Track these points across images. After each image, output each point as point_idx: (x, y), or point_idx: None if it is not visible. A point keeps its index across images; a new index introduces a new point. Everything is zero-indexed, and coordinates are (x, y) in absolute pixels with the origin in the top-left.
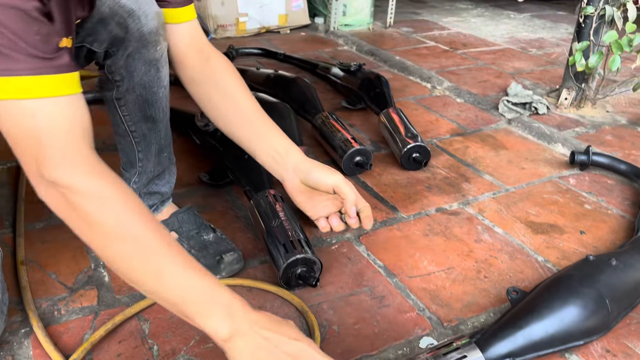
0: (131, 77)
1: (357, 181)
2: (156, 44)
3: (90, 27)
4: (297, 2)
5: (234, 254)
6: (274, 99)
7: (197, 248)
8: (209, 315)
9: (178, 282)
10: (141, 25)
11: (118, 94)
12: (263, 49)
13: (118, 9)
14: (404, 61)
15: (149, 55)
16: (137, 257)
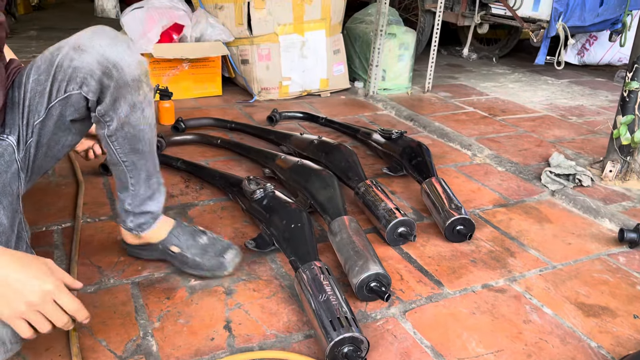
0: (119, 118)
1: (400, 252)
2: (138, 89)
3: (82, 78)
4: (338, 66)
5: (232, 250)
6: (318, 167)
7: (199, 254)
8: None
9: None
10: (124, 74)
11: (109, 132)
12: (305, 113)
13: (104, 61)
14: (443, 127)
15: (132, 99)
16: None
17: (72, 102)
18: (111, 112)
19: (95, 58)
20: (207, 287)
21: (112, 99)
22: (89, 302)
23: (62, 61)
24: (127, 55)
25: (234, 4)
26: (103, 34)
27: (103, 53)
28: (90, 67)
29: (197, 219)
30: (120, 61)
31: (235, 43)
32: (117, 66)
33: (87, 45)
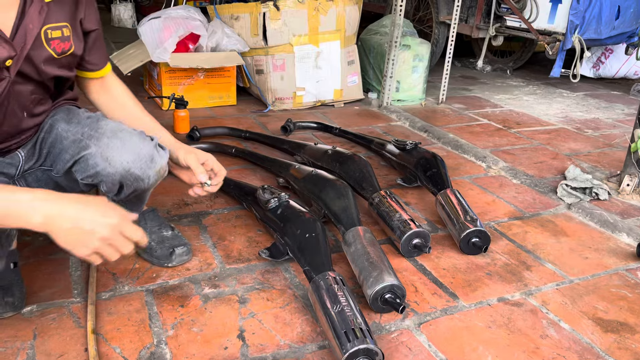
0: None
1: (414, 264)
2: (150, 189)
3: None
4: (352, 77)
5: (184, 247)
6: (332, 177)
7: (156, 241)
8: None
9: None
10: (143, 185)
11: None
12: (319, 123)
13: (127, 175)
14: (457, 139)
15: (143, 196)
16: None
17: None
18: (121, 201)
19: (119, 172)
20: (221, 295)
21: (126, 195)
22: (103, 308)
23: (88, 159)
24: (149, 169)
25: (249, 14)
26: (131, 148)
27: (128, 169)
28: (113, 178)
29: (211, 227)
30: (141, 175)
31: (251, 53)
32: (138, 179)
33: (115, 159)
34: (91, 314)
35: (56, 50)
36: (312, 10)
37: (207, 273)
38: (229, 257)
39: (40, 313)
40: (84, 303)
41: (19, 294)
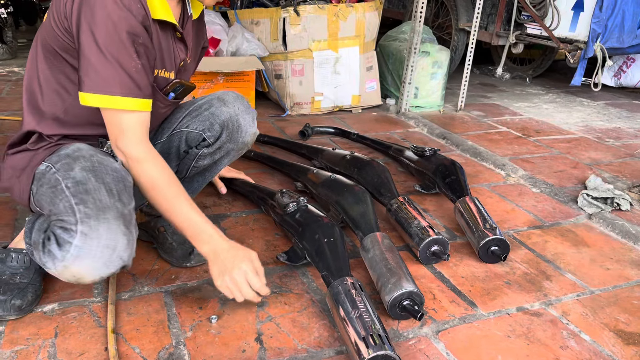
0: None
1: (432, 271)
2: (240, 151)
3: (210, 124)
4: (370, 83)
5: None
6: (351, 182)
7: (177, 242)
8: (198, 240)
9: (185, 217)
10: (240, 137)
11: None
12: (337, 129)
13: (234, 119)
14: (476, 146)
15: (232, 153)
16: (164, 199)
17: (191, 137)
18: (209, 157)
19: (230, 114)
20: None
21: (217, 148)
22: (123, 309)
23: (203, 104)
24: (250, 125)
25: (269, 19)
26: (243, 102)
27: (238, 114)
28: (223, 118)
29: (230, 230)
30: (244, 126)
31: (270, 58)
32: (239, 129)
33: (230, 102)
34: (111, 313)
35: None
36: (332, 16)
37: None
38: None
39: (62, 312)
40: (104, 303)
41: (31, 296)
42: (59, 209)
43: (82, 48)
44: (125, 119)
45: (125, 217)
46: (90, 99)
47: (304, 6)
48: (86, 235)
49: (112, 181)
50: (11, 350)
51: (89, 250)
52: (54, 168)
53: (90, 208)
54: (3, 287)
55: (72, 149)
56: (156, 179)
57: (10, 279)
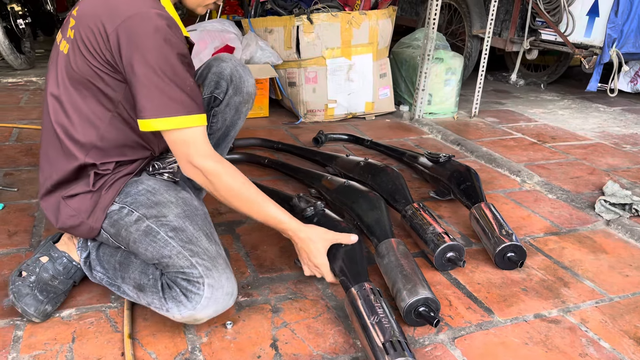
0: (223, 120)
1: (448, 277)
2: (245, 103)
3: (216, 82)
4: (384, 90)
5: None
6: (364, 188)
7: None
8: (289, 229)
9: (274, 216)
10: (243, 86)
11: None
12: (351, 135)
13: (235, 72)
14: (491, 152)
15: (241, 108)
16: (247, 205)
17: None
18: (220, 117)
19: (230, 67)
20: (254, 304)
21: (226, 104)
22: (139, 314)
23: (202, 70)
24: (249, 75)
25: (283, 27)
26: (236, 57)
27: (237, 66)
28: (227, 73)
29: (245, 236)
30: (244, 76)
31: (284, 66)
32: (242, 79)
33: (226, 58)
34: (127, 318)
35: None
36: (345, 23)
37: (240, 282)
38: (261, 267)
39: (79, 317)
40: (121, 308)
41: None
42: (172, 266)
43: (138, 77)
44: (193, 136)
45: (227, 260)
46: (155, 123)
47: (317, 14)
48: (212, 287)
49: (203, 223)
50: (29, 355)
51: (215, 300)
52: (135, 210)
53: (205, 260)
54: (42, 285)
55: (145, 188)
56: (237, 189)
57: (51, 280)
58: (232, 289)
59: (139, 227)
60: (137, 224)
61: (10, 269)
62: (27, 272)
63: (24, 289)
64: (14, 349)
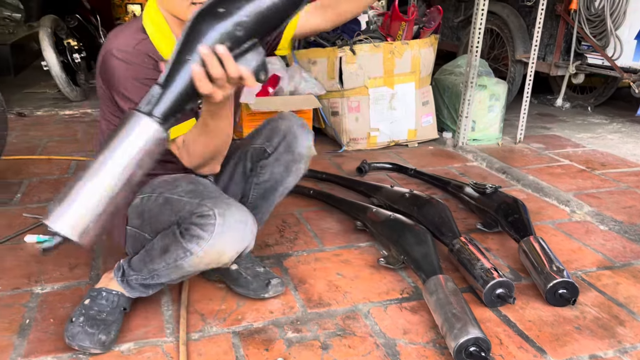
0: (271, 173)
1: (498, 314)
2: (296, 162)
3: (269, 135)
4: (426, 117)
5: (279, 279)
6: (411, 222)
7: (251, 275)
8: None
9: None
10: (296, 147)
11: (257, 179)
12: (394, 164)
13: (290, 130)
14: (538, 181)
15: (290, 166)
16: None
17: (255, 152)
18: (268, 169)
19: (287, 125)
20: (304, 340)
21: (276, 158)
22: (194, 349)
23: (264, 124)
24: (305, 138)
25: (326, 58)
26: (299, 119)
27: (293, 126)
28: (281, 128)
29: (292, 270)
30: (299, 136)
31: (327, 96)
32: (296, 139)
33: (287, 117)
34: (183, 354)
35: None
36: (387, 53)
37: (289, 317)
38: (310, 301)
39: (137, 351)
40: (176, 343)
41: (114, 334)
42: (185, 211)
43: (120, 105)
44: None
45: (238, 204)
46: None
47: (359, 45)
48: (223, 215)
49: (216, 190)
50: None
51: (228, 225)
52: (154, 193)
53: (213, 200)
54: (91, 322)
55: (162, 179)
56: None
57: (97, 315)
58: (244, 217)
59: (157, 201)
60: (156, 200)
61: (72, 302)
62: (75, 317)
63: (75, 329)
64: None
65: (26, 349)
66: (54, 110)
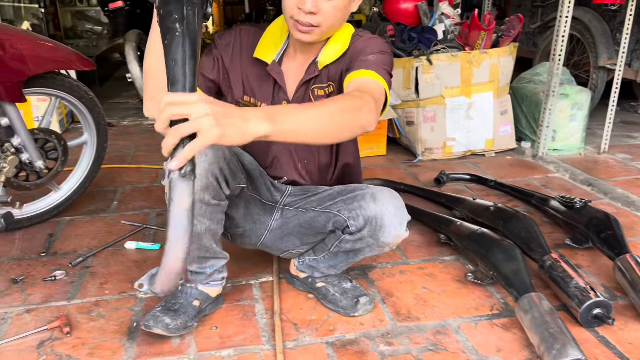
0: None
1: (595, 335)
2: (379, 248)
3: (356, 213)
4: (504, 127)
5: (367, 297)
6: (499, 236)
7: (339, 292)
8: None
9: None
10: (382, 237)
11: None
12: (473, 175)
13: (378, 220)
14: (628, 194)
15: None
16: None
17: (338, 221)
18: (350, 243)
19: (376, 212)
20: (396, 354)
21: (358, 238)
22: (290, 358)
23: (357, 194)
24: (395, 227)
25: (402, 69)
26: (395, 203)
27: (384, 214)
28: (369, 214)
29: (378, 282)
30: (387, 226)
31: (402, 105)
32: (382, 228)
33: (380, 201)
34: None
35: None
36: (465, 63)
37: (379, 329)
38: (398, 314)
39: (237, 358)
40: (273, 351)
41: (180, 323)
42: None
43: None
44: None
45: None
46: None
47: (436, 55)
48: None
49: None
50: None
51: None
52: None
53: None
54: (163, 310)
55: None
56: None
57: (172, 306)
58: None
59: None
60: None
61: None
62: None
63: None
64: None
65: (136, 352)
66: (138, 120)
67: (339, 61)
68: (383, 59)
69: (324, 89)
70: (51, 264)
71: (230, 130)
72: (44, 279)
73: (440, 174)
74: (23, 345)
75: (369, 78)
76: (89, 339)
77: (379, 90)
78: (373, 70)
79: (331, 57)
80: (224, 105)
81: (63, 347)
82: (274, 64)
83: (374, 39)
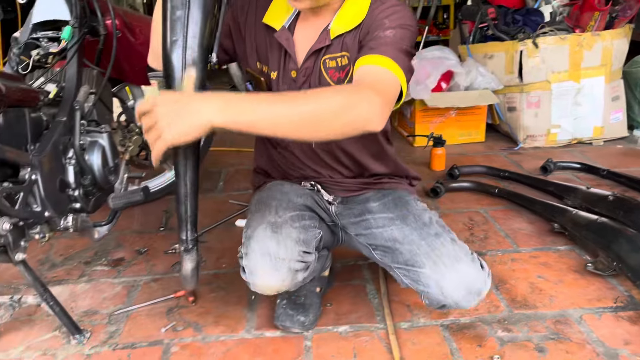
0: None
1: None
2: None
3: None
4: (615, 114)
5: None
6: (622, 227)
7: None
8: None
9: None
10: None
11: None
12: (583, 164)
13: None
14: None
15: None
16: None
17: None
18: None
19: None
20: (515, 340)
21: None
22: (407, 338)
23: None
24: (473, 301)
25: (505, 52)
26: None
27: (457, 302)
28: (439, 301)
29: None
30: (465, 305)
31: (503, 91)
32: (458, 306)
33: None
34: (394, 342)
35: (332, 79)
36: (574, 46)
37: (495, 315)
38: (514, 302)
39: (354, 334)
40: (387, 330)
41: (312, 316)
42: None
43: None
44: None
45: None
46: None
47: (543, 37)
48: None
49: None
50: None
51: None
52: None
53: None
54: (291, 305)
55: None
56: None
57: (297, 299)
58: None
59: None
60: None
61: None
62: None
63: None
64: (307, 357)
65: (257, 323)
66: None
67: (356, 30)
68: (402, 35)
69: (337, 60)
70: (170, 238)
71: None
72: (165, 251)
73: (547, 161)
74: (154, 311)
75: (383, 68)
76: (213, 309)
77: (392, 84)
78: (389, 57)
79: (345, 25)
80: (177, 101)
81: (190, 315)
82: (283, 30)
83: (397, 8)
